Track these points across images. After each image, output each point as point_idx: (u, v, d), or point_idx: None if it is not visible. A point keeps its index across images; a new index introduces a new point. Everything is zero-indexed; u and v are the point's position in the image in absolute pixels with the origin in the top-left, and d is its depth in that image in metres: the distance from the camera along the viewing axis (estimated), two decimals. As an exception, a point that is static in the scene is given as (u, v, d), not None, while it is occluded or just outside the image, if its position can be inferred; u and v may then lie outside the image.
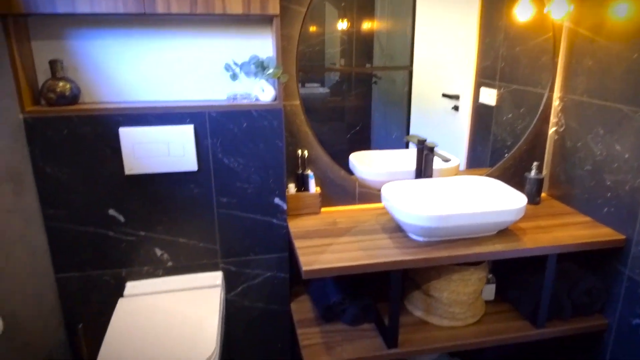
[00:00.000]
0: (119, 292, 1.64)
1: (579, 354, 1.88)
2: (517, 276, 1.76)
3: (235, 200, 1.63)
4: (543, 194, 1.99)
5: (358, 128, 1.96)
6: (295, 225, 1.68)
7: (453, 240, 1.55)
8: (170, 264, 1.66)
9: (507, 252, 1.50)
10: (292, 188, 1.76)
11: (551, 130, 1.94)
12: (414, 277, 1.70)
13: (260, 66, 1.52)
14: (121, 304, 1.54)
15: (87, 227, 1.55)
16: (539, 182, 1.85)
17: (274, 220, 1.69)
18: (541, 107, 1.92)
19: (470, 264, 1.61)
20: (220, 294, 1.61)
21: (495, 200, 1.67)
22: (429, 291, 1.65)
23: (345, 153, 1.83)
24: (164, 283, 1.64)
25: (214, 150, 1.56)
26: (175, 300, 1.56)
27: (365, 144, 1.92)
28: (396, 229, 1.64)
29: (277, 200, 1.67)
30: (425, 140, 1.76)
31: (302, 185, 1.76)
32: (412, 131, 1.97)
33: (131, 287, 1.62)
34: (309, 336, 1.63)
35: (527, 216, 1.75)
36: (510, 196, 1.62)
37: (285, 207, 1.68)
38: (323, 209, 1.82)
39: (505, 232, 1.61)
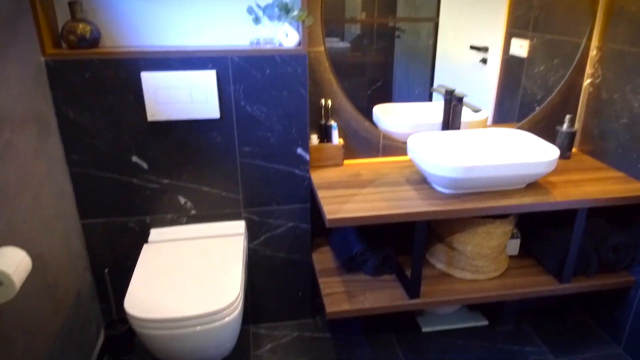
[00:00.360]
0: (143, 239, 1.66)
1: (602, 309, 1.87)
2: (543, 232, 1.73)
3: (257, 149, 1.61)
4: (574, 149, 1.92)
5: (379, 84, 1.89)
6: (317, 177, 1.66)
7: (479, 192, 1.51)
8: (193, 212, 1.67)
9: (536, 205, 1.46)
10: (314, 139, 1.72)
11: (586, 82, 1.86)
12: (437, 230, 1.68)
13: (284, 8, 1.46)
14: (146, 249, 1.56)
15: (111, 174, 1.56)
16: (571, 136, 1.78)
17: (297, 171, 1.67)
18: (577, 58, 1.83)
19: (495, 217, 1.58)
20: (243, 243, 1.61)
21: (525, 153, 1.61)
22: (452, 244, 1.63)
23: (366, 110, 1.78)
24: (188, 231, 1.66)
25: (236, 97, 1.53)
26: (199, 247, 1.57)
27: (386, 101, 1.86)
28: (421, 181, 1.61)
29: (299, 150, 1.64)
30: (453, 91, 1.70)
31: (325, 136, 1.73)
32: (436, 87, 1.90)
33: (156, 233, 1.64)
34: (330, 285, 1.65)
35: (557, 170, 1.70)
36: (541, 148, 1.57)
37: (307, 157, 1.66)
38: (346, 162, 1.80)
39: (534, 186, 1.57)
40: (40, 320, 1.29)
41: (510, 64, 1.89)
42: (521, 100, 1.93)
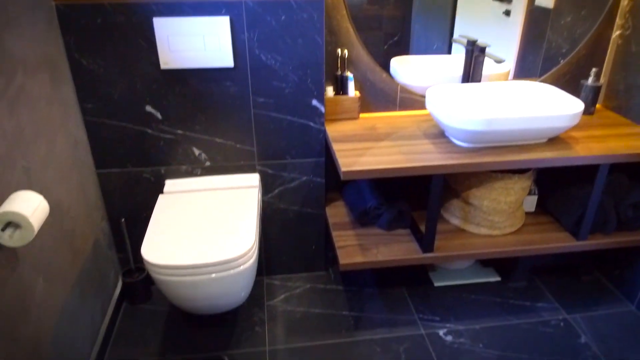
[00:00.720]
0: (158, 190, 1.67)
1: (616, 268, 1.86)
2: (562, 188, 1.69)
3: (272, 100, 1.58)
4: (598, 105, 1.86)
5: (396, 38, 1.82)
6: (333, 130, 1.63)
7: (498, 147, 1.48)
8: (208, 164, 1.66)
9: (557, 159, 1.42)
10: (330, 91, 1.68)
11: (615, 33, 1.77)
12: (453, 185, 1.66)
13: (301, -50, 1.39)
14: (161, 199, 1.57)
15: (125, 123, 1.55)
16: (596, 90, 1.72)
17: (311, 124, 1.65)
18: (606, 8, 1.73)
19: (514, 172, 1.55)
20: (258, 195, 1.61)
21: (548, 106, 1.56)
22: (469, 199, 1.61)
23: (382, 65, 1.71)
24: (203, 182, 1.66)
25: (250, 45, 1.48)
26: (213, 198, 1.57)
27: (404, 55, 1.80)
28: (439, 135, 1.57)
29: (315, 102, 1.61)
30: (476, 41, 1.63)
31: (341, 88, 1.69)
32: (454, 43, 1.83)
33: (171, 184, 1.64)
34: (344, 238, 1.65)
35: (579, 126, 1.65)
36: (565, 101, 1.51)
37: (323, 110, 1.62)
38: (362, 115, 1.76)
39: (555, 141, 1.53)
40: (59, 267, 1.32)
41: (535, 16, 1.80)
42: (545, 53, 1.85)
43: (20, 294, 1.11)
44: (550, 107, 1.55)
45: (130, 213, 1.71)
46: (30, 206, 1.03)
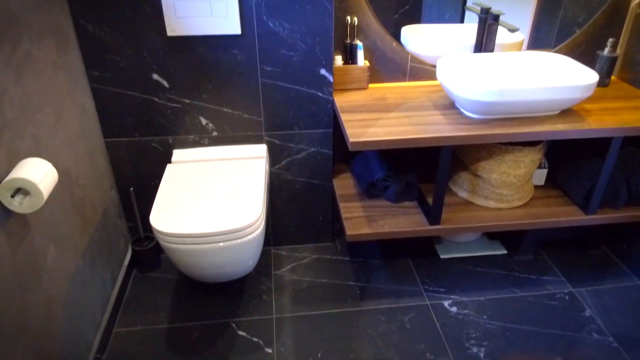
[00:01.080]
0: (166, 159, 1.67)
1: (624, 242, 1.85)
2: (572, 161, 1.67)
3: (279, 69, 1.56)
4: (613, 77, 1.81)
5: (407, 7, 1.77)
6: (341, 100, 1.61)
7: (509, 118, 1.45)
8: (215, 133, 1.65)
9: (570, 132, 1.40)
10: (338, 60, 1.65)
11: (634, 2, 1.71)
12: (462, 158, 1.64)
13: None
14: (170, 169, 1.57)
15: (132, 92, 1.54)
16: (612, 61, 1.67)
17: (320, 94, 1.62)
18: (627, -25, 1.67)
19: (524, 145, 1.53)
20: (265, 166, 1.61)
21: (562, 76, 1.53)
22: (477, 172, 1.60)
23: (393, 35, 1.67)
24: (211, 152, 1.65)
25: (257, 11, 1.45)
26: (221, 168, 1.57)
27: (415, 23, 1.75)
28: (449, 106, 1.55)
29: (323, 71, 1.58)
30: (489, 9, 1.58)
31: (350, 57, 1.66)
32: (467, 11, 1.77)
33: (179, 154, 1.64)
34: (351, 210, 1.65)
35: (593, 98, 1.62)
36: (579, 72, 1.48)
37: (331, 79, 1.60)
38: (371, 85, 1.73)
39: (567, 113, 1.50)
40: (69, 234, 1.33)
41: (552, -17, 1.74)
42: (560, 23, 1.79)
43: (32, 260, 1.13)
44: (564, 78, 1.51)
45: (139, 182, 1.71)
46: (39, 173, 1.03)
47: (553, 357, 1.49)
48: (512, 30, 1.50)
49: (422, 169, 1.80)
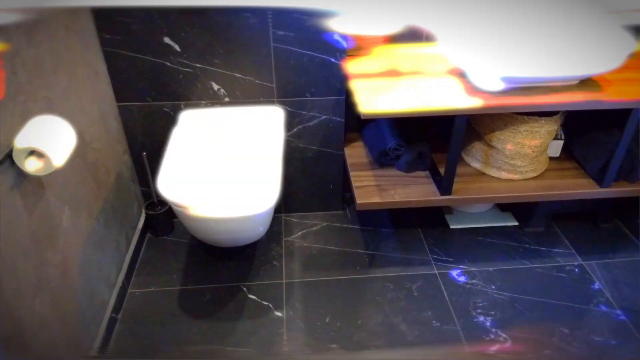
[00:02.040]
0: (178, 124, 1.67)
1: (637, 216, 1.83)
2: (589, 134, 1.64)
3: (292, 34, 1.53)
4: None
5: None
6: (354, 66, 1.58)
7: (526, 88, 1.42)
8: (227, 99, 1.65)
9: (589, 102, 1.36)
10: (353, 25, 1.62)
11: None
12: (476, 128, 1.62)
13: None
14: (178, 132, 1.57)
15: (143, 55, 1.53)
16: (636, 30, 1.61)
17: (332, 59, 1.60)
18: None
19: (541, 115, 1.50)
20: (283, 134, 1.59)
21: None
22: (491, 142, 1.57)
23: None
24: (223, 113, 1.64)
25: (271, -26, 1.42)
26: (235, 132, 1.57)
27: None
28: (465, 74, 1.51)
29: (336, 36, 1.55)
30: (511, -28, 1.52)
31: (365, 22, 1.62)
32: None
33: (187, 115, 1.63)
34: (361, 179, 1.65)
35: (615, 67, 1.56)
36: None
37: (345, 45, 1.57)
38: (385, 51, 1.69)
39: (587, 82, 1.46)
40: (84, 197, 1.36)
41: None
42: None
43: (48, 221, 1.15)
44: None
45: (151, 147, 1.72)
46: (57, 137, 1.04)
47: (560, 328, 1.51)
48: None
49: (435, 138, 1.78)
